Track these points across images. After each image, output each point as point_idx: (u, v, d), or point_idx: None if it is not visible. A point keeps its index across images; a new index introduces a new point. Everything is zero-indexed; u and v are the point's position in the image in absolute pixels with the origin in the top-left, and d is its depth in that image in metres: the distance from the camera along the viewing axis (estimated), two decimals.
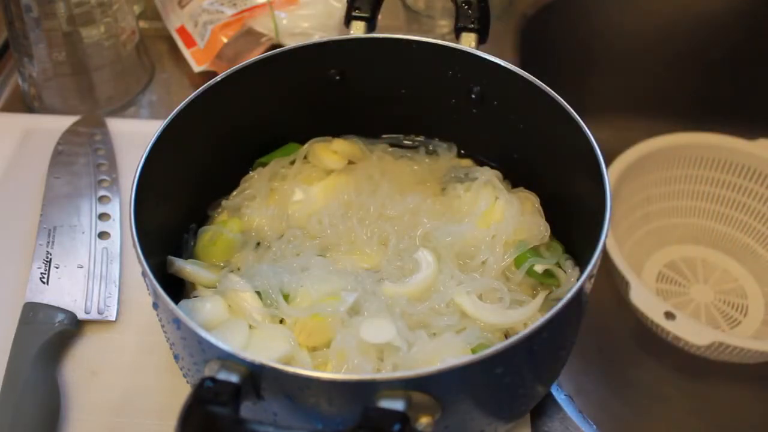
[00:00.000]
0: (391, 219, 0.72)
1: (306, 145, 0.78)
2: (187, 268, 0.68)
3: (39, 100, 0.97)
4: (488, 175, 0.74)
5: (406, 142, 0.81)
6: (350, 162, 0.78)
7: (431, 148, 0.80)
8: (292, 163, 0.78)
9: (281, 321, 0.65)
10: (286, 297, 0.65)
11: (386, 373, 0.59)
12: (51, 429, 0.66)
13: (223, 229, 0.72)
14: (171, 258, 0.68)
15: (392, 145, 0.80)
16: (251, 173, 0.77)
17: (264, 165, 0.77)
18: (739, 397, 1.06)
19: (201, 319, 0.63)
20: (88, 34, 0.92)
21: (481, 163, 0.78)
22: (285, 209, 0.74)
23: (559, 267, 0.68)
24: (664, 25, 1.22)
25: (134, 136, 0.86)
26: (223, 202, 0.75)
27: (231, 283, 0.66)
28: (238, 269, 0.69)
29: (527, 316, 0.65)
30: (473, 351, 0.61)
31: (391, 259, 0.69)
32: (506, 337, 0.65)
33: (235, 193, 0.76)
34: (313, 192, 0.75)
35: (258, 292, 0.66)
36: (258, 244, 0.72)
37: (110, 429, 0.68)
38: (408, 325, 0.63)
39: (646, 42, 1.23)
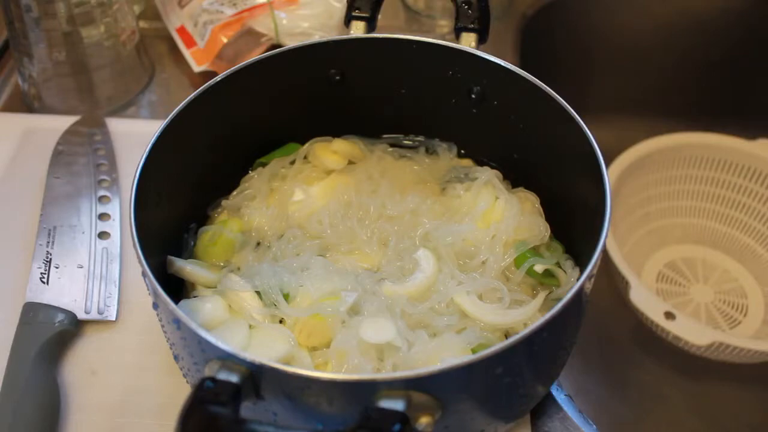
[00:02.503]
0: (391, 219, 0.72)
1: (306, 145, 0.78)
2: (187, 268, 0.68)
3: (39, 100, 0.97)
4: (488, 175, 0.74)
5: (406, 142, 0.81)
6: (350, 162, 0.78)
7: (431, 148, 0.80)
8: (292, 163, 0.78)
9: (281, 321, 0.65)
10: (286, 297, 0.65)
11: (386, 373, 0.59)
12: (51, 429, 0.66)
13: (224, 229, 0.72)
14: (171, 258, 0.68)
15: (392, 145, 0.80)
16: (251, 173, 0.77)
17: (264, 165, 0.77)
18: (739, 397, 1.06)
19: (201, 319, 0.63)
20: (88, 34, 0.92)
21: (481, 163, 0.78)
22: (285, 209, 0.74)
23: (559, 267, 0.68)
24: (664, 25, 1.23)
25: (134, 136, 0.86)
26: (223, 202, 0.75)
27: (231, 283, 0.66)
28: (238, 269, 0.69)
29: (527, 316, 0.65)
30: (473, 351, 0.61)
31: (391, 259, 0.69)
32: (506, 337, 0.65)
33: (235, 193, 0.76)
34: (313, 192, 0.75)
35: (258, 292, 0.66)
36: (258, 244, 0.72)
37: (110, 429, 0.68)
38: (408, 324, 0.63)
39: (646, 42, 1.23)
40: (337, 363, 0.60)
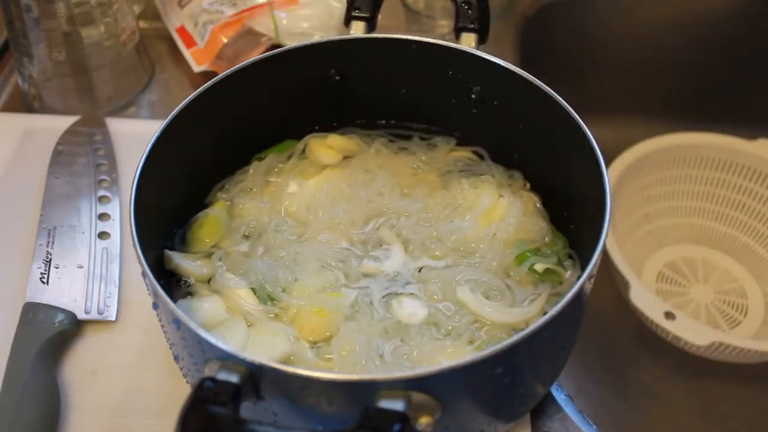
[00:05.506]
0: (386, 210, 0.73)
1: (302, 141, 0.78)
2: (183, 264, 0.68)
3: (39, 100, 0.97)
4: (494, 172, 0.75)
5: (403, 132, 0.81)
6: (348, 157, 0.78)
7: (429, 140, 0.79)
8: (289, 158, 0.78)
9: (275, 317, 0.65)
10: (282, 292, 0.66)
11: (386, 373, 0.59)
12: (51, 429, 0.66)
13: (208, 210, 0.72)
14: (168, 253, 0.68)
15: (391, 136, 0.80)
16: (248, 167, 0.77)
17: (261, 161, 0.77)
18: (739, 397, 1.06)
19: (200, 318, 0.63)
20: (88, 34, 0.92)
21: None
22: (278, 201, 0.74)
23: (560, 264, 0.68)
24: (664, 25, 1.22)
25: (134, 136, 0.86)
26: (218, 194, 0.75)
27: (225, 281, 0.67)
28: (228, 255, 0.69)
29: (531, 314, 0.65)
30: (478, 349, 0.61)
31: (371, 242, 0.70)
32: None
33: (231, 185, 0.76)
34: (307, 185, 0.75)
35: (253, 289, 0.66)
36: (250, 233, 0.72)
37: (110, 429, 0.68)
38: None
39: (646, 42, 1.23)
40: (339, 358, 0.61)
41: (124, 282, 0.77)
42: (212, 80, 0.70)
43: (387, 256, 0.69)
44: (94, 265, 0.77)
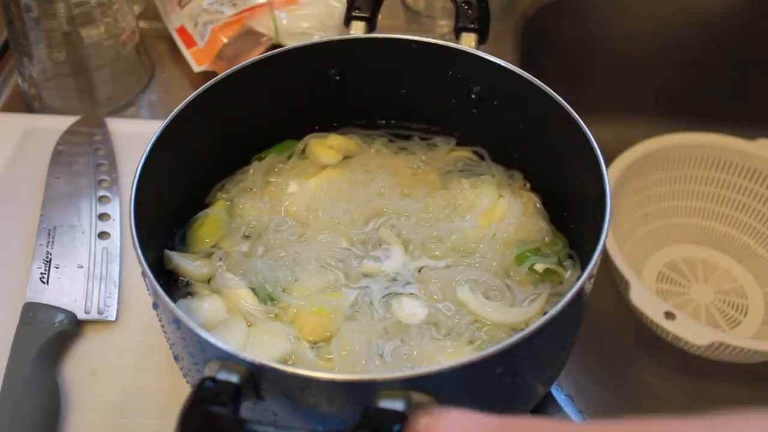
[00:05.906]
0: (386, 210, 0.73)
1: (302, 141, 0.78)
2: (183, 264, 0.68)
3: (39, 100, 0.97)
4: (494, 172, 0.75)
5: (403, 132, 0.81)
6: (348, 157, 0.78)
7: (429, 140, 0.80)
8: (289, 157, 0.78)
9: (275, 317, 0.65)
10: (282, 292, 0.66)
11: (386, 373, 0.59)
12: (51, 429, 0.66)
13: (208, 210, 0.72)
14: (168, 253, 0.68)
15: (391, 136, 0.80)
16: (248, 167, 0.77)
17: (261, 161, 0.77)
18: (739, 397, 1.06)
19: (200, 318, 0.63)
20: (88, 34, 0.92)
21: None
22: (278, 201, 0.74)
23: (560, 264, 0.68)
24: (664, 25, 1.22)
25: (134, 136, 0.86)
26: (218, 194, 0.75)
27: (226, 281, 0.67)
28: (228, 255, 0.69)
29: (531, 314, 0.65)
30: (478, 349, 0.61)
31: (371, 242, 0.70)
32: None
33: (231, 185, 0.76)
34: (307, 185, 0.75)
35: (253, 289, 0.66)
36: (250, 233, 0.72)
37: (110, 429, 0.68)
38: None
39: (646, 42, 1.23)
40: (339, 358, 0.61)
41: (124, 282, 0.77)
42: (212, 80, 0.70)
43: (387, 256, 0.69)
44: (94, 265, 0.77)
